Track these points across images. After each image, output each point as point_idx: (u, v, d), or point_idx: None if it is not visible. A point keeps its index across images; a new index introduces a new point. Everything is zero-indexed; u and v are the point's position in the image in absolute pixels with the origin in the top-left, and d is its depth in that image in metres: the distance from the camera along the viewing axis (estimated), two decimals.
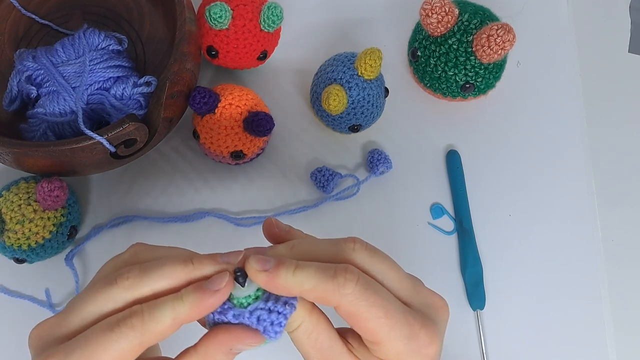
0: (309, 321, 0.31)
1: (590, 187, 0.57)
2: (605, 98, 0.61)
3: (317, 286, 0.30)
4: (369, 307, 0.30)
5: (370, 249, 0.32)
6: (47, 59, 0.51)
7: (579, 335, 0.53)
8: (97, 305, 0.31)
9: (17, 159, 0.48)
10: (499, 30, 0.49)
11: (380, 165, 0.55)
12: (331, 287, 0.30)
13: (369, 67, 0.50)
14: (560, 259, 0.55)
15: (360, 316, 0.30)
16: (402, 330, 0.31)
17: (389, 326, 0.30)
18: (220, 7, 0.51)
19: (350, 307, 0.30)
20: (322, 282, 0.30)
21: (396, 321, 0.30)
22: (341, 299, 0.30)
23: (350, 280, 0.30)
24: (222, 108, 0.50)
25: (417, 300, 0.33)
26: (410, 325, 0.31)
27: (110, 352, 0.29)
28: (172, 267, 0.31)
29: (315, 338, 0.32)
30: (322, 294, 0.30)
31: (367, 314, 0.30)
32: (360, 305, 0.30)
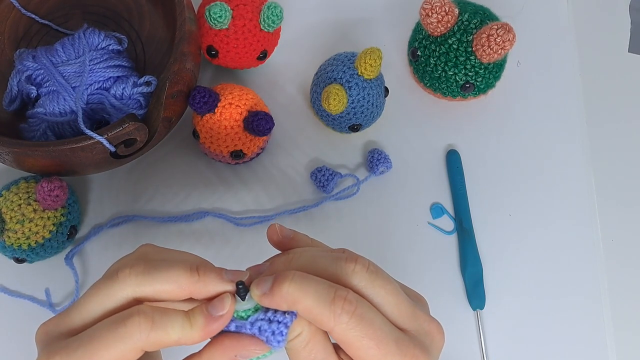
0: (308, 330, 0.31)
1: (590, 186, 0.57)
2: (605, 98, 0.61)
3: (313, 309, 0.30)
4: (361, 338, 0.30)
5: (372, 272, 0.32)
6: (47, 58, 0.51)
7: (579, 335, 0.53)
8: (98, 302, 0.31)
9: (17, 158, 0.48)
10: (499, 30, 0.49)
11: (380, 165, 0.55)
12: (327, 314, 0.30)
13: (369, 67, 0.50)
14: (560, 258, 0.55)
15: (352, 345, 0.30)
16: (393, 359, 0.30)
17: (380, 357, 0.30)
18: (220, 7, 0.51)
19: (343, 335, 0.30)
20: (318, 306, 0.30)
21: (387, 352, 0.30)
22: (335, 327, 0.30)
23: (347, 311, 0.30)
24: (222, 108, 0.50)
25: (414, 327, 0.33)
26: (403, 355, 0.31)
27: (113, 351, 0.29)
28: (177, 272, 0.31)
29: (310, 349, 0.31)
30: (317, 318, 0.30)
31: (359, 344, 0.30)
32: (353, 335, 0.30)
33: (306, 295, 0.30)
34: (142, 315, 0.30)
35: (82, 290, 0.52)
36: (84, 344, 0.30)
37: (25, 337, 0.51)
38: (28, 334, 0.51)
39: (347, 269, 0.31)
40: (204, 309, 0.31)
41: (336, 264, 0.32)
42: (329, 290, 0.30)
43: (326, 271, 0.31)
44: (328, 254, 0.33)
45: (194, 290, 0.31)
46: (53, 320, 0.32)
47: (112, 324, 0.30)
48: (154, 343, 0.30)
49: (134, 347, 0.30)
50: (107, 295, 0.31)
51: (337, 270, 0.31)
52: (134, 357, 0.30)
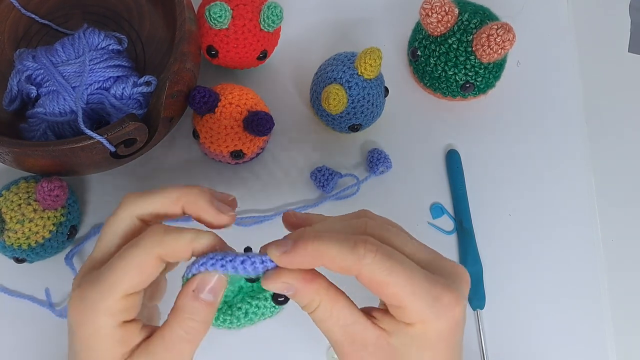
0: (327, 299, 0.32)
1: (590, 186, 0.57)
2: (605, 98, 0.61)
3: (337, 256, 0.31)
4: (389, 274, 0.30)
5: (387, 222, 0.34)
6: (47, 58, 0.51)
7: (579, 335, 0.53)
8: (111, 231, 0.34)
9: (17, 158, 0.48)
10: (498, 29, 0.49)
11: (380, 164, 0.55)
12: (351, 257, 0.30)
13: (369, 67, 0.50)
14: (560, 258, 0.55)
15: (382, 283, 0.31)
16: (424, 293, 0.31)
17: (411, 290, 0.31)
18: (220, 7, 0.51)
19: (371, 275, 0.31)
20: (341, 252, 0.30)
21: (418, 285, 0.31)
22: (362, 269, 0.30)
23: (370, 250, 0.30)
24: (222, 107, 0.50)
25: (438, 268, 0.33)
26: (433, 289, 0.31)
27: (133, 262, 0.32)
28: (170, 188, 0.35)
29: (337, 315, 0.32)
30: (342, 264, 0.31)
31: (389, 279, 0.31)
32: (382, 273, 0.30)
33: (328, 246, 0.31)
34: (155, 227, 0.33)
35: None
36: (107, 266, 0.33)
37: (25, 337, 0.51)
38: (28, 334, 0.51)
39: (362, 223, 0.33)
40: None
41: (351, 221, 0.33)
42: (349, 238, 0.31)
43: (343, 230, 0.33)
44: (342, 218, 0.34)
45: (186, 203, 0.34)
46: (83, 267, 0.35)
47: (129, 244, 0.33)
48: (169, 249, 0.32)
49: (151, 254, 0.32)
50: (115, 221, 0.34)
51: (353, 226, 0.33)
52: (154, 267, 0.32)
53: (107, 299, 0.32)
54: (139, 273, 0.32)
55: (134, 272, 0.32)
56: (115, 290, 0.32)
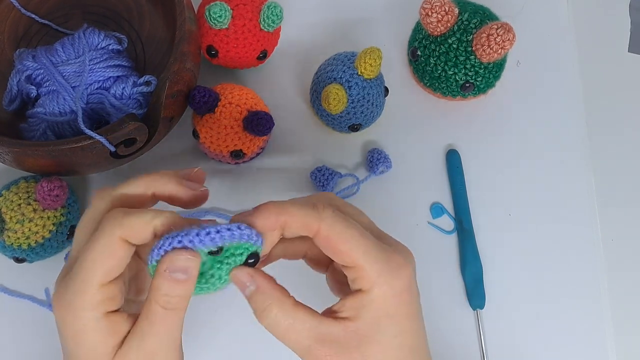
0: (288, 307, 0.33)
1: (590, 186, 0.57)
2: (605, 98, 0.61)
3: (297, 213, 0.33)
4: (346, 229, 0.33)
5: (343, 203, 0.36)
6: (47, 58, 0.51)
7: (579, 335, 0.53)
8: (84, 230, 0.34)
9: (17, 158, 0.48)
10: (498, 29, 0.49)
11: (380, 164, 0.55)
12: (312, 213, 0.33)
13: (369, 67, 0.50)
14: (560, 258, 0.55)
15: (339, 238, 0.33)
16: (377, 252, 0.33)
17: (366, 248, 0.33)
18: (220, 7, 0.51)
19: (329, 230, 0.33)
20: (302, 209, 0.33)
21: (371, 246, 0.33)
22: (321, 223, 0.33)
23: (328, 207, 0.33)
24: (221, 107, 0.50)
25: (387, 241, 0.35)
26: (385, 250, 0.33)
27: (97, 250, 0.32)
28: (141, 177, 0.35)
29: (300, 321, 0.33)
30: (304, 219, 0.33)
31: (345, 234, 0.33)
32: (339, 228, 0.33)
33: (290, 205, 0.33)
34: (114, 211, 0.33)
35: None
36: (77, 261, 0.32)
37: (25, 337, 0.51)
38: (28, 334, 0.51)
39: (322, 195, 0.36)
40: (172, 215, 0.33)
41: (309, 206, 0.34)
42: (309, 200, 0.34)
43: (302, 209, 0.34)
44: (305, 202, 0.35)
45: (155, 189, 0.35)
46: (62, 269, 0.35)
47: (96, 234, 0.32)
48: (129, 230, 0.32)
49: (113, 237, 0.32)
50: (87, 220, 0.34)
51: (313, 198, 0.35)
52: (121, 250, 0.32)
53: (84, 292, 0.32)
54: (108, 258, 0.32)
55: (102, 259, 0.32)
56: (90, 282, 0.32)
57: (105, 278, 0.32)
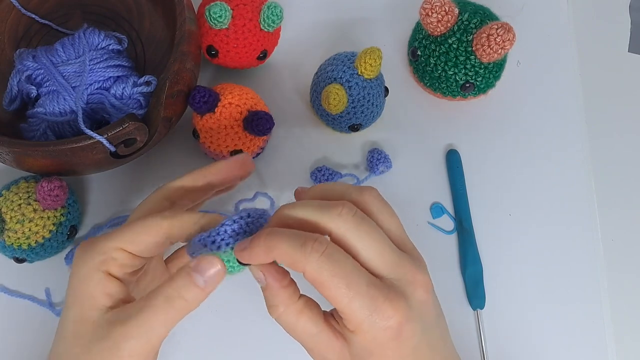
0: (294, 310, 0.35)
1: (590, 186, 0.57)
2: (605, 98, 0.61)
3: (286, 251, 0.32)
4: (331, 277, 0.32)
5: (358, 218, 0.34)
6: (47, 58, 0.51)
7: (579, 335, 0.53)
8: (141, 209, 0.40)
9: (17, 158, 0.48)
10: (498, 29, 0.49)
11: (380, 164, 0.55)
12: (299, 254, 0.32)
13: (369, 67, 0.50)
14: (560, 258, 0.55)
15: (323, 284, 0.32)
16: (362, 301, 0.32)
17: (349, 297, 0.32)
18: (220, 7, 0.51)
19: (315, 274, 0.32)
20: (290, 248, 0.32)
21: (357, 293, 0.32)
22: (306, 266, 0.32)
23: (316, 250, 0.32)
24: (222, 107, 0.50)
25: (395, 275, 0.34)
26: (373, 298, 0.32)
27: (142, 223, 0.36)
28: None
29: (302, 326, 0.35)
30: (291, 260, 0.32)
31: (329, 282, 0.32)
32: (323, 274, 0.32)
33: (280, 242, 0.33)
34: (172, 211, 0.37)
35: None
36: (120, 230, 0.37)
37: (25, 337, 0.51)
38: (28, 334, 0.51)
39: (333, 214, 0.34)
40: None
41: (324, 208, 0.34)
42: (299, 236, 0.33)
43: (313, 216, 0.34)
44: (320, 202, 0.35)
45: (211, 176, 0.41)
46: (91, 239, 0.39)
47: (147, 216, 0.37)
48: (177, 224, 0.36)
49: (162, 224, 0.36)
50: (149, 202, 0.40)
51: (323, 215, 0.34)
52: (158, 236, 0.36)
53: (108, 242, 0.36)
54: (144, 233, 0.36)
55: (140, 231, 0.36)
56: (119, 239, 0.36)
57: (130, 246, 0.36)
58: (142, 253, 0.36)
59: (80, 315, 0.35)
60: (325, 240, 0.33)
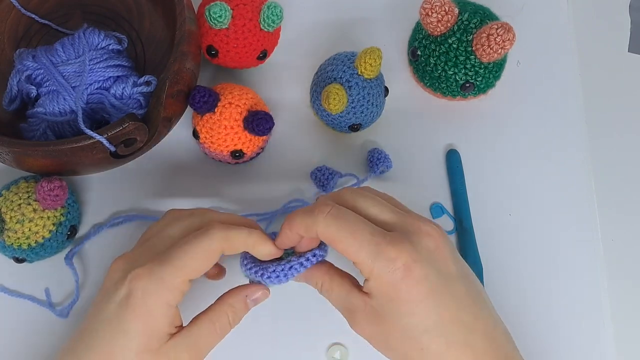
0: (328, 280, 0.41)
1: (590, 186, 0.57)
2: (605, 98, 0.61)
3: (300, 222, 0.39)
4: (337, 231, 0.37)
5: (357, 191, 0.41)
6: (47, 58, 0.51)
7: (579, 335, 0.53)
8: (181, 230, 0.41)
9: (17, 158, 0.48)
10: (498, 29, 0.49)
11: (380, 164, 0.55)
12: (309, 220, 0.38)
13: (369, 67, 0.50)
14: (560, 258, 0.55)
15: (334, 239, 0.38)
16: (368, 248, 0.37)
17: (356, 246, 0.37)
18: (220, 7, 0.51)
19: (324, 232, 0.38)
20: (303, 218, 0.39)
21: (362, 241, 0.37)
22: (317, 228, 0.38)
23: (322, 212, 0.38)
24: (222, 107, 0.50)
25: (399, 225, 0.39)
26: (377, 244, 0.37)
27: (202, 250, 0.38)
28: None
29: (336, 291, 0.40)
30: (304, 226, 0.39)
31: (337, 236, 0.37)
32: (331, 230, 0.38)
33: (295, 216, 0.39)
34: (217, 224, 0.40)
35: (82, 290, 0.52)
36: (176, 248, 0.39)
37: (25, 337, 0.51)
38: (28, 334, 0.51)
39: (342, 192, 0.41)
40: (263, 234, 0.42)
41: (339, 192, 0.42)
42: (310, 207, 0.39)
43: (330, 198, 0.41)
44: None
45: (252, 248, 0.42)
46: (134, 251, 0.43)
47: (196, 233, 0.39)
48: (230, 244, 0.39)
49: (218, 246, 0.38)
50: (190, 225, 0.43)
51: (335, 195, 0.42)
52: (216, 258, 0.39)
53: (177, 277, 0.37)
54: (205, 260, 0.38)
55: (201, 258, 0.38)
56: (185, 272, 0.38)
57: (195, 275, 0.38)
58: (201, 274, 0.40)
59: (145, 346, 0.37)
60: (331, 203, 0.38)
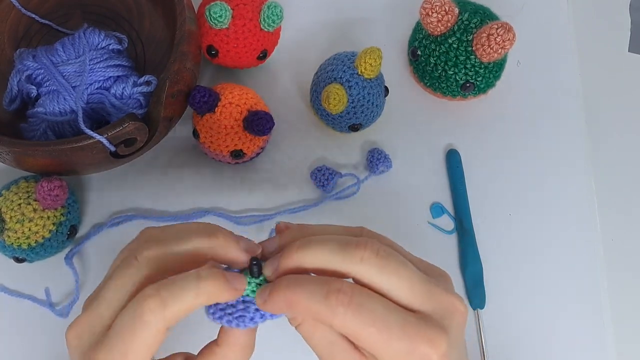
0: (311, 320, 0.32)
1: (590, 186, 0.57)
2: (605, 97, 0.61)
3: (310, 307, 0.30)
4: (362, 327, 0.30)
5: (382, 257, 0.31)
6: (47, 58, 0.51)
7: (579, 335, 0.53)
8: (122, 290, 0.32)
9: (17, 158, 0.48)
10: (499, 29, 0.49)
11: (380, 164, 0.55)
12: (324, 309, 0.30)
13: (369, 66, 0.50)
14: (560, 258, 0.55)
15: (355, 335, 0.30)
16: (399, 344, 0.30)
17: (385, 342, 0.30)
18: (220, 7, 0.51)
19: (344, 327, 0.30)
20: (314, 303, 0.30)
21: (391, 337, 0.30)
22: (333, 320, 0.30)
23: (342, 302, 0.29)
24: (222, 107, 0.50)
25: (431, 307, 0.32)
26: (410, 339, 0.30)
27: (140, 343, 0.30)
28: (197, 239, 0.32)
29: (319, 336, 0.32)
30: (317, 315, 0.30)
31: (361, 332, 0.30)
32: (353, 325, 0.30)
33: (301, 296, 0.30)
34: (150, 299, 0.30)
35: (82, 289, 0.52)
36: (115, 343, 0.30)
37: (25, 337, 0.51)
38: (28, 334, 0.51)
39: (355, 256, 0.31)
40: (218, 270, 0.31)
41: (344, 251, 0.31)
42: (322, 286, 0.30)
43: (334, 258, 0.31)
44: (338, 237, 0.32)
45: (215, 255, 0.32)
46: (81, 322, 0.32)
47: (130, 319, 0.30)
48: (173, 319, 0.30)
49: (156, 332, 0.30)
50: (130, 281, 0.32)
51: (344, 258, 0.31)
52: (163, 337, 0.31)
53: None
54: (151, 348, 0.31)
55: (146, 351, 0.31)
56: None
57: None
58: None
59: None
60: (350, 287, 0.30)
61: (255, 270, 0.32)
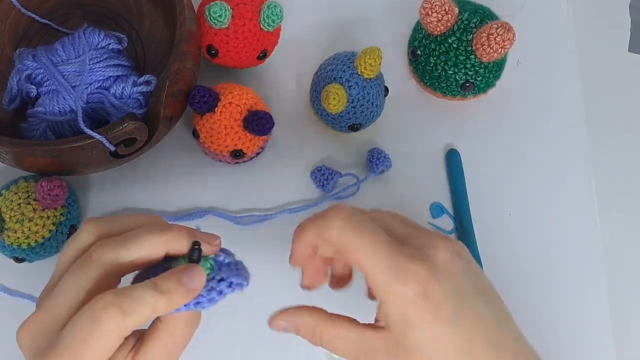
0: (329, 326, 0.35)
1: (590, 186, 0.57)
2: (605, 97, 0.61)
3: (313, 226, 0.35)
4: (354, 238, 0.33)
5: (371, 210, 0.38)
6: (47, 58, 0.51)
7: (579, 335, 0.53)
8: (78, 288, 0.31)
9: (17, 158, 0.48)
10: (498, 29, 0.49)
11: (380, 164, 0.55)
12: (322, 222, 0.35)
13: (369, 66, 0.50)
14: (560, 258, 0.55)
15: (349, 247, 0.34)
16: (387, 262, 0.33)
17: (374, 258, 0.33)
18: (220, 7, 0.51)
19: (339, 238, 0.34)
20: (317, 221, 0.35)
21: (381, 253, 0.33)
22: (331, 232, 0.34)
23: (337, 214, 0.34)
24: (221, 107, 0.50)
25: (414, 241, 0.35)
26: (396, 258, 0.33)
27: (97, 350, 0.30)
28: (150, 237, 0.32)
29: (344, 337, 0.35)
30: (317, 231, 0.35)
31: (354, 244, 0.33)
32: (348, 237, 0.33)
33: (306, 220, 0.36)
34: (110, 308, 0.30)
35: None
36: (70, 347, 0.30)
37: None
38: None
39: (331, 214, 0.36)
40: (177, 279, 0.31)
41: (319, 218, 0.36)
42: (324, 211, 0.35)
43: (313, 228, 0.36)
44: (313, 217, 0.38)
45: (169, 251, 0.33)
46: (37, 320, 0.32)
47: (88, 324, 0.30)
48: (131, 328, 0.30)
49: (115, 339, 0.30)
50: (86, 279, 0.31)
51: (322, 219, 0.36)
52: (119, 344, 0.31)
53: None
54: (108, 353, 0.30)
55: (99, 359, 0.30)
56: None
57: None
58: None
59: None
60: (347, 207, 0.35)
61: (195, 257, 0.33)
